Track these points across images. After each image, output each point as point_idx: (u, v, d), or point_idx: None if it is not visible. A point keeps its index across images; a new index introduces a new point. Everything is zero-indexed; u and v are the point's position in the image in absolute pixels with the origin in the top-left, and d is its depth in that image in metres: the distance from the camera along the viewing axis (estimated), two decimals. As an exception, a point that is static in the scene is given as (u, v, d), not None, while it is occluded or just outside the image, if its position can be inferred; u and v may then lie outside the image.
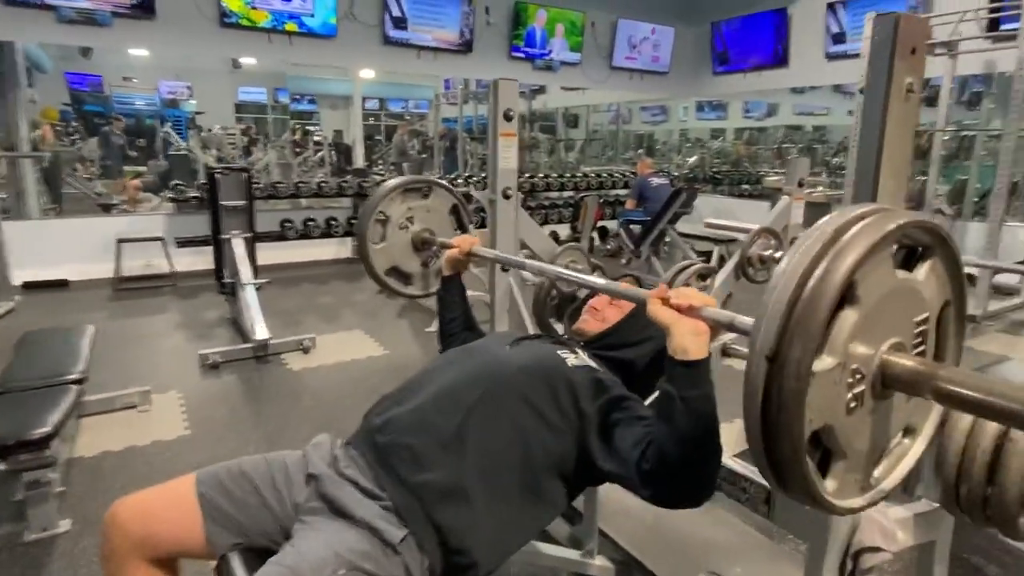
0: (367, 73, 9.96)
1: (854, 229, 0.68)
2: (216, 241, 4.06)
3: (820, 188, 6.93)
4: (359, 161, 9.72)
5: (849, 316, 0.68)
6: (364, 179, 6.45)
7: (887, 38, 0.96)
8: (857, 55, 6.11)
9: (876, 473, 0.80)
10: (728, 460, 1.33)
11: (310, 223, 5.96)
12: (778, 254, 2.34)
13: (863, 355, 0.71)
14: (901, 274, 0.75)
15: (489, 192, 1.96)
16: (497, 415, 1.13)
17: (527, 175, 7.28)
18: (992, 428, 1.16)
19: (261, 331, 3.66)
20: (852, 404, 0.71)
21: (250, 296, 3.87)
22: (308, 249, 6.25)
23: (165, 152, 10.30)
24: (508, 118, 1.89)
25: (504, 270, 2.04)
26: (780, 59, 7.12)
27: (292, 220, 5.93)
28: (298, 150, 10.79)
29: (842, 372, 0.69)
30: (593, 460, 1.14)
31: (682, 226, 6.24)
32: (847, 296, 0.68)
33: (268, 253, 5.43)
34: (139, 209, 7.21)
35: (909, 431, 0.84)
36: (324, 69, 12.86)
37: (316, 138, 11.38)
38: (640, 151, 12.05)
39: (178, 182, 5.60)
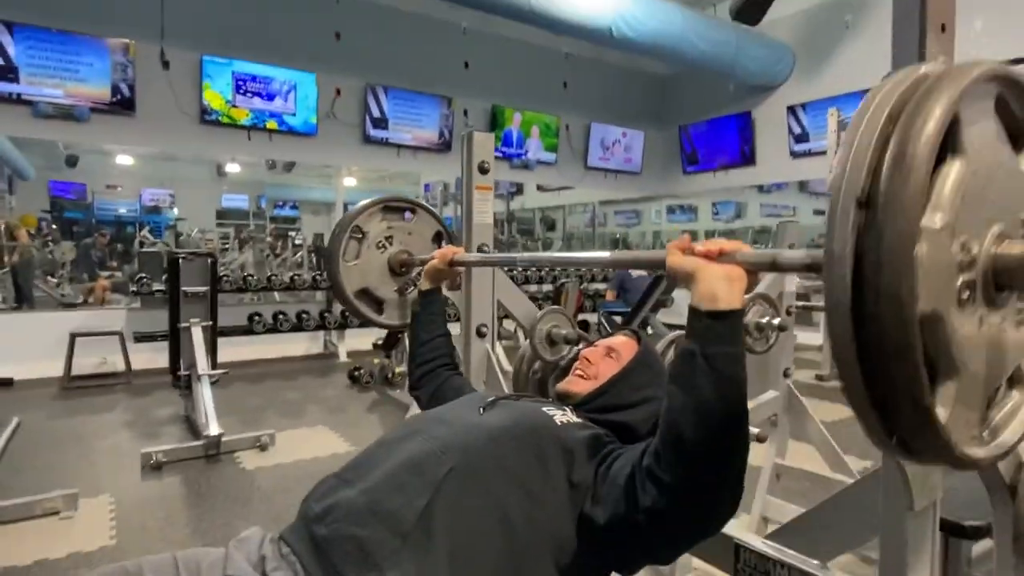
0: (349, 181, 10.18)
1: (946, 74, 0.53)
2: (174, 330, 3.80)
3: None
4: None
5: (955, 168, 0.51)
6: (339, 273, 6.30)
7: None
8: (822, 152, 6.38)
9: (992, 417, 0.59)
10: (758, 542, 1.08)
11: (280, 316, 5.73)
12: (776, 320, 2.17)
13: (973, 227, 0.53)
14: (1005, 148, 0.58)
15: (464, 245, 1.80)
16: (472, 494, 0.88)
17: (506, 269, 7.22)
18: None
19: (214, 426, 3.34)
20: (964, 294, 0.52)
21: (205, 389, 3.57)
22: (277, 345, 5.97)
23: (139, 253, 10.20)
24: (483, 170, 1.77)
25: (480, 335, 1.82)
26: (747, 158, 7.41)
27: (261, 314, 5.70)
28: (277, 252, 10.74)
29: (951, 239, 0.50)
30: (595, 523, 0.89)
31: (664, 317, 6.13)
32: (949, 141, 0.51)
33: (233, 349, 5.16)
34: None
35: (1018, 381, 0.63)
36: (307, 177, 13.16)
37: (296, 241, 11.39)
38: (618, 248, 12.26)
39: (144, 275, 5.40)
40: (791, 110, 6.88)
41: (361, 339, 5.98)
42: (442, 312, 1.49)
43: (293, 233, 13.34)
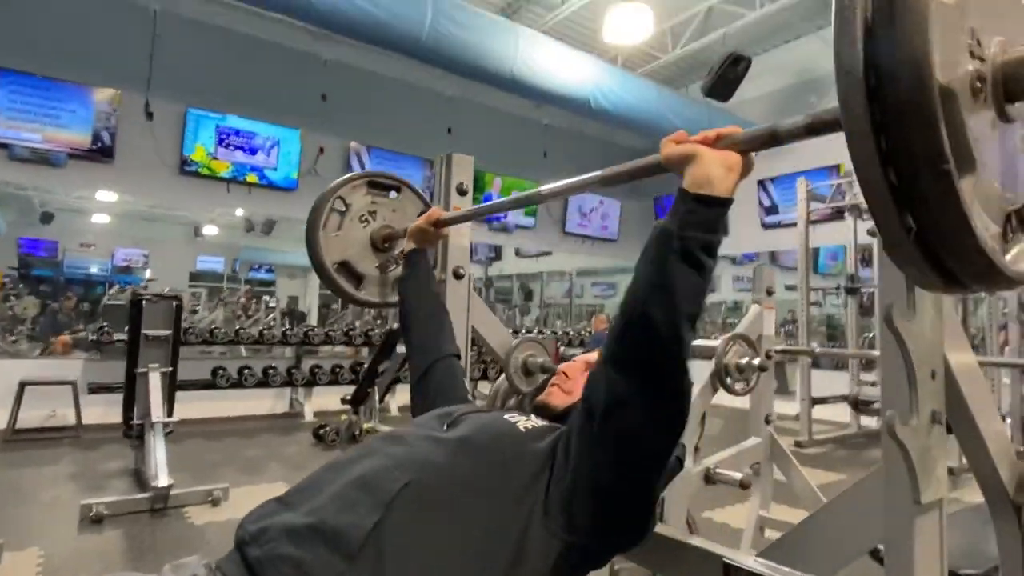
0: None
1: None
2: (130, 375, 3.61)
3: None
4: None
5: None
6: (311, 328, 6.16)
7: None
8: (792, 224, 6.58)
9: (1010, 248, 0.55)
10: (749, 560, 0.98)
11: (245, 371, 5.52)
12: (756, 360, 2.13)
13: (981, 21, 0.51)
14: None
15: (439, 271, 1.74)
16: (429, 511, 0.79)
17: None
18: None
19: (163, 477, 3.11)
20: (977, 84, 0.49)
21: (158, 438, 3.35)
22: (239, 402, 5.71)
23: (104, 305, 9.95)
24: (462, 192, 1.74)
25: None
26: (721, 229, 7.61)
27: (225, 368, 5.48)
28: (249, 314, 10.54)
29: (962, 19, 0.48)
30: (560, 498, 0.81)
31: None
32: None
33: (193, 404, 4.92)
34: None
35: None
36: (285, 240, 13.14)
37: (270, 303, 11.23)
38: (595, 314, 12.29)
39: (105, 324, 5.20)
40: (761, 184, 7.14)
41: (329, 397, 5.76)
42: (429, 270, 1.44)
43: (267, 297, 13.19)
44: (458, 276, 1.77)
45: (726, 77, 5.88)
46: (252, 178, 5.83)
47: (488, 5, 5.99)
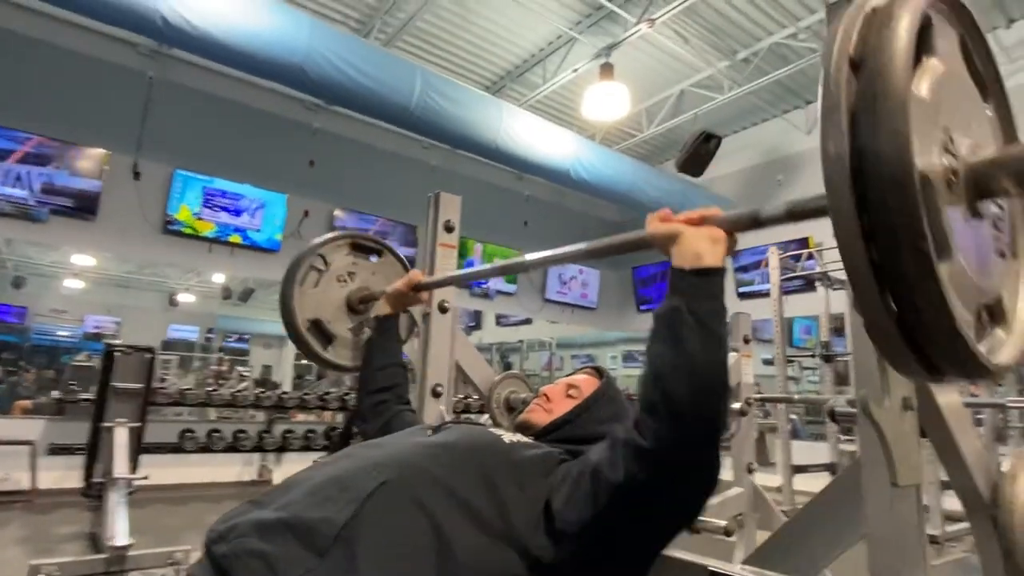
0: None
1: None
2: (95, 430, 3.48)
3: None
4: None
5: (932, 65, 0.54)
6: (285, 392, 6.02)
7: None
8: (766, 294, 6.75)
9: (982, 323, 0.57)
10: (735, 568, 0.97)
11: (215, 434, 5.32)
12: (736, 405, 2.16)
13: (953, 122, 0.55)
14: (969, 80, 0.62)
15: (423, 305, 1.77)
16: (405, 511, 0.78)
17: (459, 413, 7.06)
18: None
19: (121, 537, 2.94)
20: (951, 178, 0.53)
21: (120, 496, 3.19)
22: (207, 468, 5.47)
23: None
24: (449, 229, 1.81)
25: (435, 395, 1.73)
26: (697, 299, 7.76)
27: (194, 431, 5.29)
28: (221, 381, 10.30)
29: (936, 116, 0.52)
30: (559, 537, 0.79)
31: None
32: (925, 42, 0.54)
33: (160, 471, 4.69)
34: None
35: (999, 318, 0.62)
36: (262, 309, 13.03)
37: (243, 372, 11.01)
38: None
39: (73, 382, 5.03)
40: (734, 255, 7.38)
41: (301, 463, 5.53)
42: (398, 340, 1.44)
43: (240, 367, 12.90)
44: (443, 310, 1.80)
45: (698, 153, 6.20)
46: (235, 239, 5.86)
47: (473, 83, 6.33)
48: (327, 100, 5.51)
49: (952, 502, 4.72)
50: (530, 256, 1.19)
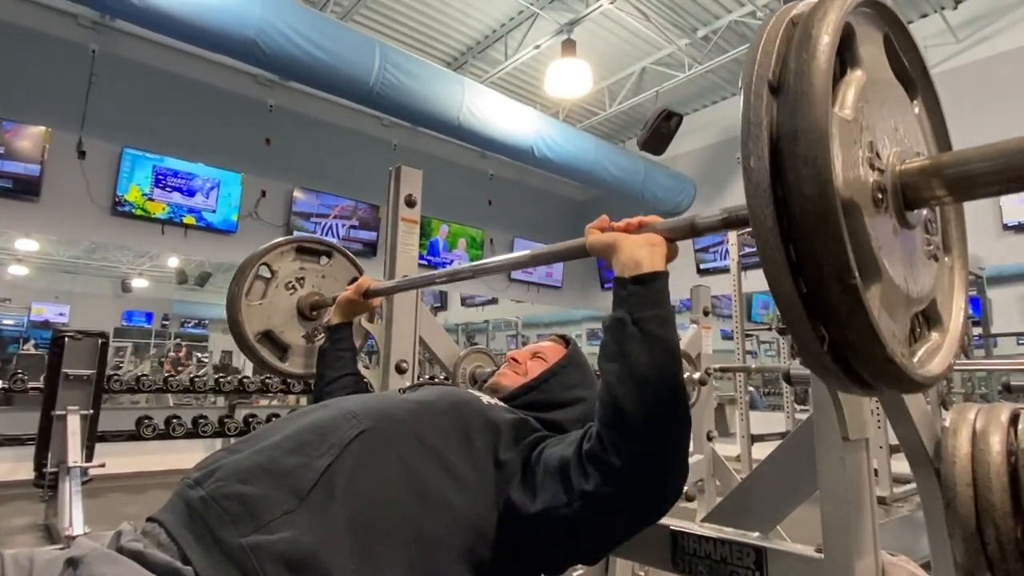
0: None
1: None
2: (46, 417, 3.36)
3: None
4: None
5: (856, 77, 0.53)
6: (246, 376, 5.91)
7: None
8: (726, 270, 6.90)
9: (917, 350, 0.57)
10: (697, 527, 1.00)
11: (174, 420, 5.20)
12: (696, 375, 2.21)
13: (878, 135, 0.54)
14: (896, 83, 0.62)
15: (386, 283, 1.75)
16: (383, 461, 0.78)
17: (429, 376, 7.06)
18: (997, 435, 0.96)
19: (78, 527, 2.86)
20: (878, 195, 0.52)
21: (74, 484, 3.10)
22: (167, 455, 5.35)
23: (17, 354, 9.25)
24: (410, 203, 1.78)
25: (400, 371, 1.71)
26: (660, 276, 7.89)
27: (151, 417, 5.16)
28: (179, 368, 10.04)
29: (860, 134, 0.51)
30: (522, 511, 0.80)
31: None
32: (847, 53, 0.53)
33: (116, 459, 4.56)
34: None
35: (934, 322, 0.64)
36: (219, 293, 12.66)
37: (202, 358, 10.75)
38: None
39: (19, 371, 4.82)
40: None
41: (265, 448, 5.48)
42: (351, 349, 1.39)
43: (199, 353, 12.58)
44: (405, 285, 1.78)
45: (659, 132, 6.24)
46: (189, 219, 5.68)
47: (434, 59, 6.22)
48: (282, 75, 5.33)
49: (900, 466, 4.97)
50: (476, 263, 1.19)
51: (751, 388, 7.55)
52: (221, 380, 5.58)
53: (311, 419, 0.83)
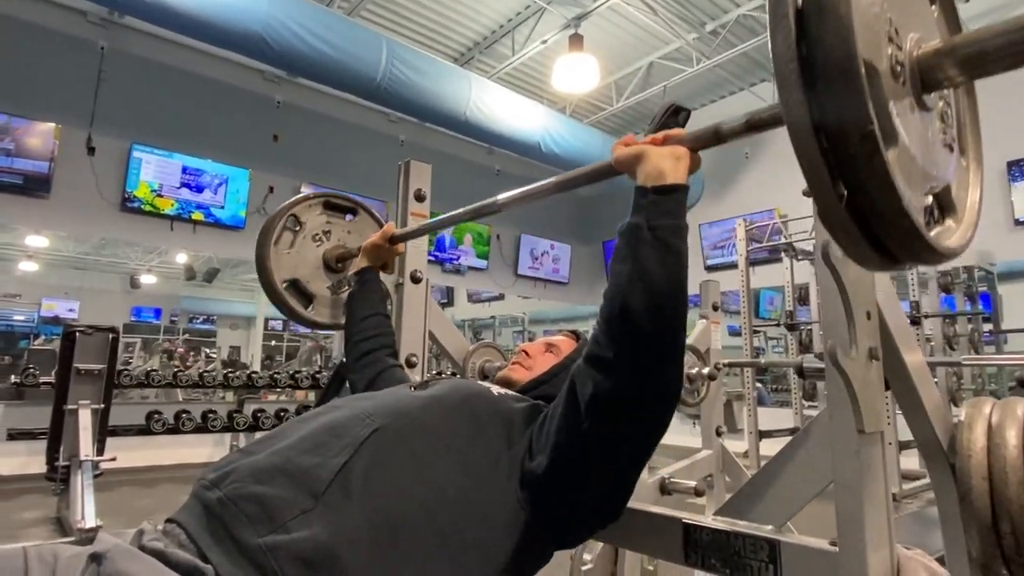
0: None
1: None
2: (58, 411, 3.39)
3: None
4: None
5: None
6: (255, 371, 5.95)
7: None
8: (734, 266, 6.88)
9: (931, 230, 0.58)
10: (709, 519, 1.00)
11: (183, 415, 5.23)
12: (706, 370, 2.20)
13: (896, 15, 0.55)
14: None
15: (395, 275, 1.75)
16: (399, 458, 0.79)
17: (436, 372, 7.07)
18: (1014, 428, 0.95)
19: (90, 519, 2.89)
20: (896, 68, 0.53)
21: (87, 478, 3.13)
22: (177, 450, 5.40)
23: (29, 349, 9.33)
24: (420, 198, 1.78)
25: (410, 366, 1.72)
26: (667, 272, 7.88)
27: (161, 412, 5.19)
28: (187, 364, 10.11)
29: (882, 8, 0.52)
30: (535, 474, 0.82)
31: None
32: None
33: (127, 454, 4.61)
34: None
35: (948, 209, 0.65)
36: (227, 289, 12.78)
37: (210, 353, 10.83)
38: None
39: (31, 366, 4.87)
40: (702, 227, 7.47)
41: (274, 443, 5.51)
42: (380, 291, 1.43)
43: (207, 349, 12.67)
44: (415, 280, 1.78)
45: (667, 127, 6.21)
46: (198, 216, 5.71)
47: (441, 54, 6.21)
48: (290, 71, 5.34)
49: (908, 463, 4.95)
50: (501, 196, 1.18)
51: (759, 384, 7.54)
52: (230, 375, 5.61)
53: (326, 420, 0.84)
